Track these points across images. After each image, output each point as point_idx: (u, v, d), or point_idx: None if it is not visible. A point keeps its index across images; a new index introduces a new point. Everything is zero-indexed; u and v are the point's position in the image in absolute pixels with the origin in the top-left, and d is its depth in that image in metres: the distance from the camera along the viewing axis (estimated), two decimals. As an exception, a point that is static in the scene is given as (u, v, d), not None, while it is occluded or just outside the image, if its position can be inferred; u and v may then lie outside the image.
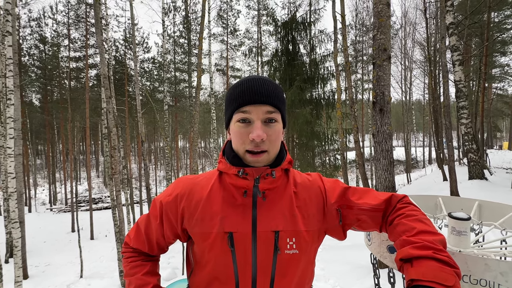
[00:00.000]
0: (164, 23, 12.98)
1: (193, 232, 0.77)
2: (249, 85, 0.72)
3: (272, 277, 0.73)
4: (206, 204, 0.76)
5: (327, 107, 10.26)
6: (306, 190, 0.81)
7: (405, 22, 18.55)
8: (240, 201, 0.76)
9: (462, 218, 0.92)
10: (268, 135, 0.71)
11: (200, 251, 0.77)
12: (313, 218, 0.78)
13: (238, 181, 0.75)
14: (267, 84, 0.73)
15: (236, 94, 0.73)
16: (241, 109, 0.72)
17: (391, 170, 3.32)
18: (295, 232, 0.75)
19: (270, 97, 0.72)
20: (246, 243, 0.73)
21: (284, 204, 0.77)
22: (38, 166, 31.96)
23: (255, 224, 0.74)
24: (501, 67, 17.72)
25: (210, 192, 0.78)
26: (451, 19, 6.55)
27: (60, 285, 8.61)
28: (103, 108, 10.43)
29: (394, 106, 30.12)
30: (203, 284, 0.77)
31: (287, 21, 9.93)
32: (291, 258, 0.74)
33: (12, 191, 5.15)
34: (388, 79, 3.34)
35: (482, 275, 0.70)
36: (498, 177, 7.72)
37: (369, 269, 2.77)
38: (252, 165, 0.74)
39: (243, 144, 0.72)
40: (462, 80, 6.57)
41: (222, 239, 0.72)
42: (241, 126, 0.72)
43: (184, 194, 0.79)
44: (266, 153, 0.72)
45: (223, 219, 0.74)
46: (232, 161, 0.76)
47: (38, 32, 19.15)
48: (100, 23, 7.42)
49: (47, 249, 11.88)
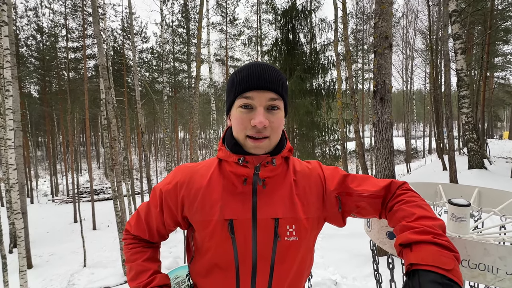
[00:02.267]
0: (163, 12, 12.77)
1: (193, 220, 0.77)
2: (253, 70, 0.71)
3: (272, 264, 0.73)
4: (206, 192, 0.76)
5: (328, 97, 10.20)
6: (305, 178, 0.81)
7: (407, 10, 18.28)
8: (240, 189, 0.76)
9: (461, 205, 0.93)
10: (270, 122, 0.71)
11: (200, 239, 0.77)
12: (313, 206, 0.78)
13: (238, 169, 0.75)
14: (271, 71, 0.72)
15: (239, 80, 0.72)
16: (244, 95, 0.71)
17: (391, 159, 3.32)
18: (294, 219, 0.75)
19: (274, 84, 0.71)
20: (246, 230, 0.73)
21: (284, 192, 0.77)
22: (39, 157, 32.04)
23: (255, 211, 0.74)
24: (504, 56, 17.52)
25: (210, 180, 0.77)
26: (454, 6, 6.44)
27: (64, 274, 8.76)
28: (102, 99, 10.37)
29: (395, 96, 29.98)
30: (204, 271, 0.78)
31: (287, 9, 9.76)
32: (290, 245, 0.74)
33: (14, 183, 5.17)
34: (389, 68, 3.30)
35: (481, 260, 0.71)
36: (498, 166, 7.74)
37: (368, 257, 2.81)
38: (253, 152, 0.73)
39: (244, 129, 0.72)
40: (464, 69, 6.51)
41: (223, 227, 0.73)
42: (243, 111, 0.71)
43: (184, 182, 0.78)
44: (268, 140, 0.72)
45: (223, 207, 0.74)
46: (232, 149, 0.75)
47: (36, 22, 18.88)
48: (97, 12, 7.30)
49: (50, 239, 12.04)
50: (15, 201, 5.19)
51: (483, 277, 0.71)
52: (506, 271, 0.68)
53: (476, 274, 0.71)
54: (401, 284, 1.32)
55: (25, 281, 5.17)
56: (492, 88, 17.00)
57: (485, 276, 0.71)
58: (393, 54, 3.52)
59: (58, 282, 8.29)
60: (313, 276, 3.24)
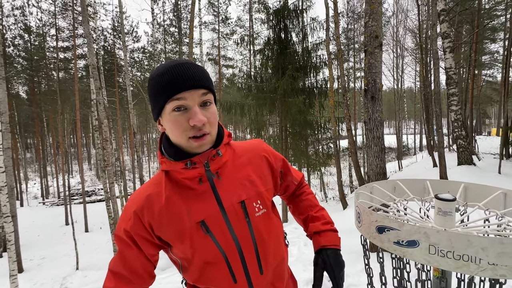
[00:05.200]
0: (154, 11, 12.65)
1: (167, 237, 0.76)
2: (178, 70, 0.69)
3: (254, 242, 0.78)
4: (168, 207, 0.75)
5: (320, 96, 10.26)
6: (254, 154, 0.88)
7: (397, 9, 18.50)
8: (199, 189, 0.77)
9: (447, 199, 0.95)
10: (207, 118, 0.71)
11: (181, 251, 0.77)
12: (267, 177, 0.87)
13: (188, 173, 0.75)
14: (196, 68, 0.71)
15: (166, 82, 0.68)
16: (175, 97, 0.68)
17: (382, 156, 3.37)
18: (258, 194, 0.81)
19: (202, 80, 0.71)
20: (220, 223, 0.76)
21: (240, 174, 0.81)
22: (28, 159, 31.42)
23: (221, 202, 0.76)
24: (491, 54, 17.89)
25: (166, 195, 0.76)
26: (443, 5, 6.55)
27: (56, 277, 8.63)
28: (93, 99, 10.23)
29: (386, 94, 30.31)
30: (197, 273, 0.78)
31: (279, 8, 9.77)
32: (262, 218, 0.81)
33: (3, 185, 5.08)
34: (380, 67, 3.35)
35: (465, 251, 0.73)
36: (486, 162, 7.91)
37: (359, 254, 2.85)
38: (198, 151, 0.74)
39: (184, 131, 0.70)
40: (453, 67, 6.64)
41: (197, 230, 0.74)
42: (177, 114, 0.70)
43: (143, 208, 0.76)
44: (209, 135, 0.73)
45: (190, 213, 0.75)
46: (175, 157, 0.74)
47: (23, 22, 18.49)
48: (86, 12, 7.20)
49: (41, 243, 11.84)
50: (4, 204, 5.09)
51: (467, 267, 0.73)
52: (488, 261, 0.71)
53: (460, 264, 0.74)
54: (391, 277, 1.36)
55: (16, 285, 5.09)
56: (480, 86, 17.34)
57: (469, 267, 0.73)
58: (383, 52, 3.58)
59: (50, 286, 8.16)
60: (307, 273, 3.26)
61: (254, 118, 10.45)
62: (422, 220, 1.09)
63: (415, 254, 0.81)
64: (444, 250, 0.76)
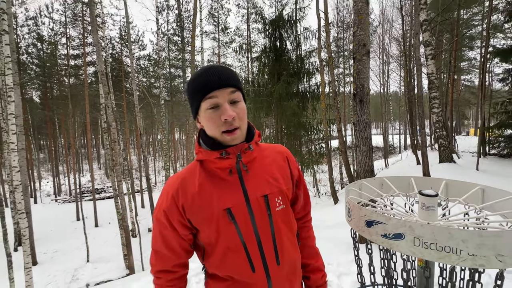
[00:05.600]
0: (158, 21, 12.60)
1: (196, 220, 0.78)
2: (209, 73, 0.73)
3: (272, 234, 0.80)
4: (200, 193, 0.78)
5: (312, 99, 10.27)
6: (279, 157, 0.89)
7: (383, 20, 18.55)
8: (228, 180, 0.79)
9: (430, 195, 0.96)
10: (237, 113, 0.74)
11: (207, 235, 0.79)
12: (288, 179, 0.87)
13: (221, 163, 0.78)
14: (224, 69, 0.75)
15: (199, 84, 0.73)
16: (207, 96, 0.72)
17: (370, 155, 3.38)
18: (279, 191, 0.83)
19: (230, 80, 0.74)
20: (244, 212, 0.77)
21: (266, 171, 0.83)
22: (42, 159, 31.16)
23: (247, 194, 0.78)
24: (469, 60, 18.03)
25: (199, 182, 0.79)
26: (425, 16, 6.58)
27: (68, 269, 8.57)
28: (102, 103, 10.17)
29: (373, 98, 30.41)
30: (218, 259, 0.80)
31: (275, 19, 9.76)
32: (282, 213, 0.82)
33: (18, 184, 5.03)
34: (367, 73, 3.36)
35: (446, 243, 0.74)
36: (465, 160, 7.96)
37: (349, 245, 2.86)
38: (230, 144, 0.77)
39: (218, 127, 0.74)
40: (434, 72, 6.67)
41: (223, 216, 0.76)
42: (211, 112, 0.74)
43: (178, 191, 0.79)
44: (239, 130, 0.76)
45: (219, 200, 0.77)
46: (212, 147, 0.78)
47: (36, 31, 18.34)
48: (95, 22, 7.16)
49: (54, 237, 11.75)
50: (19, 201, 5.04)
51: (449, 258, 0.74)
52: (468, 252, 0.72)
53: (443, 255, 0.74)
54: (379, 267, 1.36)
55: (30, 277, 5.04)
56: (459, 90, 17.47)
57: (450, 257, 0.74)
58: (371, 59, 3.59)
59: (63, 277, 8.11)
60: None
61: (252, 120, 10.44)
62: (407, 214, 1.09)
63: (401, 246, 0.81)
64: (427, 242, 0.76)
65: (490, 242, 0.70)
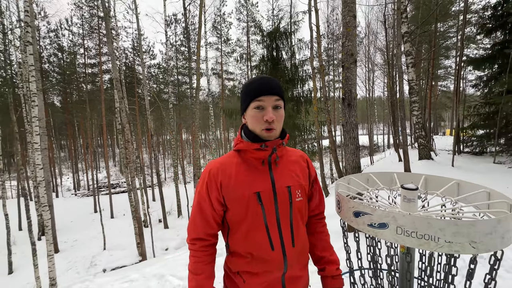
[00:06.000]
0: (167, 34, 12.55)
1: (230, 197, 0.83)
2: (262, 81, 0.82)
3: (290, 220, 0.85)
4: (236, 175, 0.84)
5: (306, 103, 10.24)
6: (300, 158, 0.95)
7: (368, 32, 18.54)
8: (260, 169, 0.86)
9: (411, 189, 0.96)
10: (276, 117, 0.81)
11: (235, 214, 0.84)
12: (306, 177, 0.93)
13: (258, 153, 0.84)
14: (273, 80, 0.83)
15: (252, 88, 0.82)
16: (257, 99, 0.81)
17: (357, 153, 3.39)
18: (300, 185, 0.88)
19: (276, 90, 0.82)
20: (270, 197, 0.83)
21: (290, 167, 0.90)
22: (62, 158, 31.03)
23: (274, 183, 0.84)
24: (445, 68, 18.06)
25: (236, 166, 0.85)
26: (406, 28, 6.59)
27: (87, 256, 8.56)
28: (116, 107, 10.14)
29: (360, 102, 30.39)
30: (242, 236, 0.84)
31: (272, 31, 9.72)
32: (300, 204, 0.88)
33: (41, 180, 5.01)
34: (355, 79, 3.36)
35: (425, 231, 0.74)
36: (442, 157, 7.98)
37: (339, 233, 2.86)
38: (267, 139, 0.83)
39: (259, 124, 0.82)
40: (414, 79, 6.68)
41: (253, 199, 0.82)
42: (257, 111, 0.82)
43: (218, 171, 0.85)
44: (275, 130, 0.83)
45: (251, 184, 0.83)
46: (253, 140, 0.84)
47: (57, 42, 18.24)
48: (110, 34, 7.12)
49: (74, 228, 11.72)
50: (42, 195, 5.03)
51: (428, 245, 0.74)
52: (445, 240, 0.72)
53: (422, 242, 0.74)
54: (366, 253, 1.36)
55: (53, 263, 5.03)
56: (437, 95, 17.50)
57: (429, 244, 0.74)
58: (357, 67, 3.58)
59: (82, 263, 8.09)
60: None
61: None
62: (391, 206, 1.09)
63: (385, 234, 0.81)
64: (409, 230, 0.76)
65: (465, 231, 0.70)
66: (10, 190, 19.76)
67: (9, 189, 19.86)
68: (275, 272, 0.84)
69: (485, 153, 8.08)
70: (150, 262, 4.17)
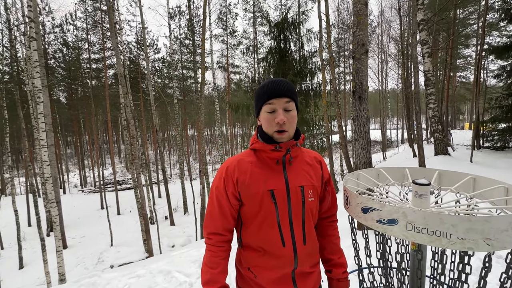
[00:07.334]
0: (171, 26, 12.59)
1: (245, 193, 0.87)
2: (272, 85, 0.86)
3: (302, 219, 0.90)
4: (252, 172, 0.88)
5: (315, 97, 10.12)
6: (314, 160, 0.99)
7: (381, 20, 18.08)
8: (275, 168, 0.90)
9: (423, 184, 0.95)
10: (287, 119, 0.85)
11: (249, 209, 0.88)
12: (319, 178, 0.96)
13: (273, 154, 0.89)
14: (284, 83, 0.87)
15: (264, 92, 0.86)
16: (268, 102, 0.85)
17: (368, 148, 3.34)
18: (312, 186, 0.92)
19: (287, 92, 0.86)
20: (284, 196, 0.87)
21: (303, 167, 0.94)
22: (69, 154, 31.90)
23: (287, 182, 0.88)
24: (464, 58, 17.46)
25: (252, 164, 0.90)
26: (422, 16, 6.39)
27: (94, 252, 8.83)
28: (121, 103, 10.31)
29: (372, 95, 29.82)
30: (255, 230, 0.89)
31: (279, 21, 9.59)
32: (311, 204, 0.91)
33: (48, 176, 5.18)
34: (366, 71, 3.29)
35: (437, 227, 0.73)
36: (460, 153, 7.79)
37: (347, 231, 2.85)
38: (279, 141, 0.88)
39: (271, 127, 0.86)
40: (430, 70, 6.50)
41: (267, 196, 0.86)
42: (269, 114, 0.86)
43: (235, 167, 0.89)
44: (287, 132, 0.87)
45: (265, 182, 0.87)
46: (267, 141, 0.89)
47: (62, 37, 18.59)
48: (114, 28, 7.20)
49: (81, 224, 12.09)
50: (50, 192, 5.20)
51: (439, 241, 0.73)
52: (457, 236, 0.71)
53: (433, 239, 0.74)
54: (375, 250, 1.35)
55: (62, 259, 5.22)
56: (455, 86, 16.96)
57: (441, 241, 0.73)
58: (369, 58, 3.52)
59: (90, 259, 8.36)
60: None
61: (259, 116, 10.38)
62: (401, 202, 1.08)
63: (395, 230, 0.81)
64: (419, 227, 0.75)
65: (479, 227, 0.69)
66: (19, 187, 20.52)
67: (18, 186, 20.63)
68: (286, 267, 0.88)
69: (507, 148, 7.84)
70: (156, 258, 4.27)
